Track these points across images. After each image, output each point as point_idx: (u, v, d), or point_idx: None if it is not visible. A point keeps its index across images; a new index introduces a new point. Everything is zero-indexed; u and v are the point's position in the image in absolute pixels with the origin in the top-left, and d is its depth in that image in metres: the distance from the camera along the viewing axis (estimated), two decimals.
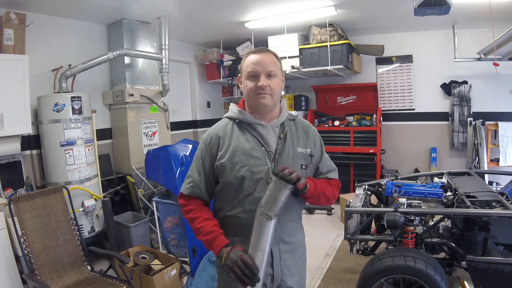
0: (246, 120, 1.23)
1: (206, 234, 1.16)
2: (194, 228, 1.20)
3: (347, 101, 5.03)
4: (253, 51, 1.24)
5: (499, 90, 4.25)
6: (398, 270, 1.92)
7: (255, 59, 1.20)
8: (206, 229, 1.17)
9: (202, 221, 1.18)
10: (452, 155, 4.64)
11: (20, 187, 2.88)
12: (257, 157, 1.18)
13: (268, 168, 1.17)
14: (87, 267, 2.37)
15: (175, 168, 2.82)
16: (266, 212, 1.04)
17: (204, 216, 1.20)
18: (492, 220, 1.92)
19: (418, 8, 2.77)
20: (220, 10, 3.55)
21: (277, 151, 1.21)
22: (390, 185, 2.50)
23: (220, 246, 1.13)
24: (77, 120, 3.02)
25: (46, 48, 3.23)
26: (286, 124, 1.27)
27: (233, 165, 1.18)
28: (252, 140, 1.21)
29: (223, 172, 1.20)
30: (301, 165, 1.23)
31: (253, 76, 1.19)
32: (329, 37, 4.13)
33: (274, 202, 1.03)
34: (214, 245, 1.14)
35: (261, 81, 1.17)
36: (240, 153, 1.18)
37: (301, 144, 1.26)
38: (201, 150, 1.26)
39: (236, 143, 1.20)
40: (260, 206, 1.06)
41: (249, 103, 1.25)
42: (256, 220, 1.06)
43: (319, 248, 3.31)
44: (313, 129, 1.35)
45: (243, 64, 1.25)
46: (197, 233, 1.19)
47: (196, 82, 5.31)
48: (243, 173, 1.16)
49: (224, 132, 1.24)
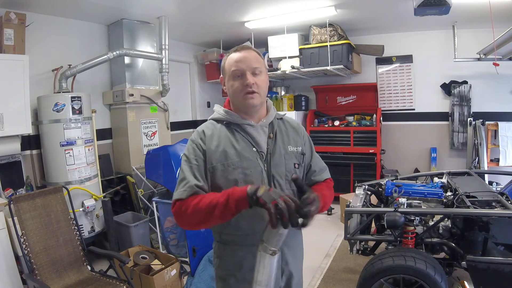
0: (234, 121, 1.18)
1: (220, 197, 1.01)
2: (203, 210, 1.03)
3: (347, 101, 5.03)
4: (233, 49, 1.19)
5: (499, 90, 4.25)
6: (398, 270, 1.92)
7: (238, 57, 1.15)
8: (216, 195, 1.03)
9: (209, 196, 1.06)
10: (452, 155, 4.64)
11: (20, 187, 2.88)
12: (249, 158, 1.13)
13: (261, 170, 1.13)
14: (87, 267, 2.37)
15: (175, 168, 2.82)
16: (269, 247, 0.96)
17: (208, 195, 1.08)
18: (492, 220, 1.92)
19: (418, 8, 2.77)
20: (220, 10, 3.55)
21: (269, 151, 1.17)
22: (390, 185, 2.50)
23: (247, 187, 0.98)
24: (77, 120, 3.02)
25: (46, 48, 3.24)
26: (275, 123, 1.24)
27: (225, 167, 1.12)
28: (242, 141, 1.16)
29: (214, 175, 1.13)
30: (294, 164, 1.20)
31: (238, 75, 1.14)
32: (329, 37, 4.13)
33: (279, 237, 0.96)
34: (237, 190, 0.99)
35: (248, 79, 1.12)
36: (231, 155, 1.13)
37: (292, 143, 1.23)
38: (193, 150, 1.16)
39: (226, 145, 1.14)
40: (263, 241, 0.98)
41: (236, 104, 1.19)
42: (259, 256, 0.99)
43: (319, 248, 3.31)
44: (302, 128, 1.32)
45: (225, 64, 1.19)
46: (210, 210, 1.02)
47: (196, 82, 5.31)
48: (236, 175, 1.11)
49: (212, 132, 1.18)
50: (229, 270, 1.19)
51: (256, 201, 0.94)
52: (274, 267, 0.99)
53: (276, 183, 1.15)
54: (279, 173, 1.16)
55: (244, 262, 1.15)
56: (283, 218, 0.89)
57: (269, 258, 0.97)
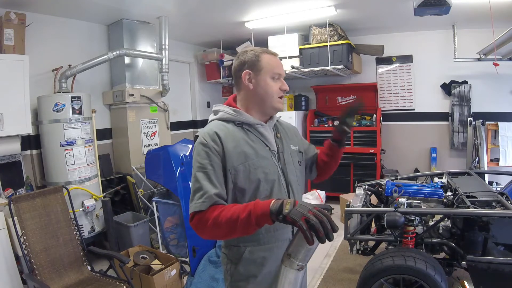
0: (247, 121, 1.16)
1: (242, 212, 0.94)
2: (224, 224, 0.97)
3: (347, 101, 5.03)
4: (268, 51, 1.21)
5: (499, 90, 4.25)
6: (398, 270, 1.92)
7: (277, 61, 1.19)
8: (237, 209, 0.96)
9: (229, 209, 0.99)
10: (452, 155, 4.64)
11: (20, 187, 2.88)
12: (266, 157, 1.15)
13: (277, 168, 1.16)
14: (87, 267, 2.37)
15: (175, 168, 2.82)
16: (297, 262, 0.89)
17: (228, 207, 1.01)
18: (492, 220, 1.92)
19: (418, 8, 2.77)
20: (220, 10, 3.55)
21: (280, 150, 1.21)
22: (390, 185, 2.50)
23: (266, 201, 0.92)
24: (77, 120, 3.02)
25: (46, 48, 3.24)
26: (277, 124, 1.29)
27: (246, 167, 1.10)
28: (257, 140, 1.16)
29: (236, 177, 1.09)
30: (298, 162, 1.26)
31: (277, 78, 1.18)
32: (329, 37, 4.13)
33: (308, 252, 0.90)
34: (259, 206, 0.92)
35: (286, 85, 1.19)
36: (250, 154, 1.11)
37: (293, 142, 1.28)
38: (205, 154, 1.08)
39: (243, 145, 1.12)
40: (290, 256, 0.90)
41: (262, 104, 1.17)
42: (284, 270, 0.91)
43: (319, 248, 3.26)
44: (295, 127, 1.40)
45: (262, 61, 1.16)
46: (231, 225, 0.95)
47: (196, 82, 5.31)
48: (258, 175, 1.11)
49: (226, 133, 1.12)
50: (249, 271, 1.15)
51: (283, 219, 0.87)
52: (299, 282, 0.94)
53: (291, 180, 1.19)
54: (290, 170, 1.20)
55: (265, 262, 1.14)
56: (319, 234, 0.83)
57: (295, 273, 0.91)
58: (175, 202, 2.91)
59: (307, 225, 0.83)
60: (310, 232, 0.83)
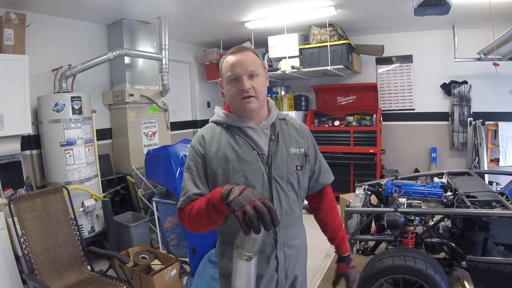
0: (234, 124, 1.16)
1: (203, 203, 1.03)
2: (195, 216, 1.06)
3: (347, 101, 5.03)
4: (230, 51, 1.15)
5: (499, 90, 4.25)
6: (398, 270, 1.92)
7: (233, 60, 1.11)
8: (201, 200, 1.05)
9: (198, 202, 1.07)
10: (452, 155, 4.64)
11: (20, 187, 2.88)
12: (250, 161, 1.12)
13: (262, 173, 1.12)
14: (87, 267, 2.37)
15: (175, 168, 2.82)
16: (244, 253, 0.94)
17: (198, 200, 1.09)
18: (492, 220, 1.92)
19: (418, 8, 2.76)
20: (220, 10, 3.55)
21: (270, 154, 1.14)
22: (390, 185, 2.50)
23: (222, 188, 0.97)
24: (77, 120, 3.02)
25: (46, 48, 3.23)
26: (277, 124, 1.21)
27: (225, 171, 1.10)
28: (243, 144, 1.14)
29: (215, 180, 1.12)
30: (296, 166, 1.17)
31: (234, 79, 1.11)
32: (329, 37, 4.13)
33: (253, 242, 0.93)
34: (216, 193, 0.98)
35: (245, 84, 1.09)
36: (231, 158, 1.11)
37: (294, 144, 1.20)
38: (192, 156, 1.16)
39: (226, 149, 1.13)
40: (237, 247, 0.96)
41: (234, 108, 1.17)
42: (235, 262, 0.97)
43: (319, 248, 3.28)
44: (305, 128, 1.29)
45: (221, 67, 1.16)
46: (199, 217, 1.04)
47: (196, 82, 5.31)
48: (237, 179, 1.09)
49: (212, 136, 1.16)
50: (230, 269, 1.17)
51: (228, 206, 0.91)
52: (252, 272, 0.97)
53: (278, 185, 1.14)
54: (280, 175, 1.14)
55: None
56: (253, 226, 0.85)
57: (245, 263, 0.95)
58: (175, 202, 2.90)
59: (243, 216, 0.86)
60: (245, 222, 0.86)
